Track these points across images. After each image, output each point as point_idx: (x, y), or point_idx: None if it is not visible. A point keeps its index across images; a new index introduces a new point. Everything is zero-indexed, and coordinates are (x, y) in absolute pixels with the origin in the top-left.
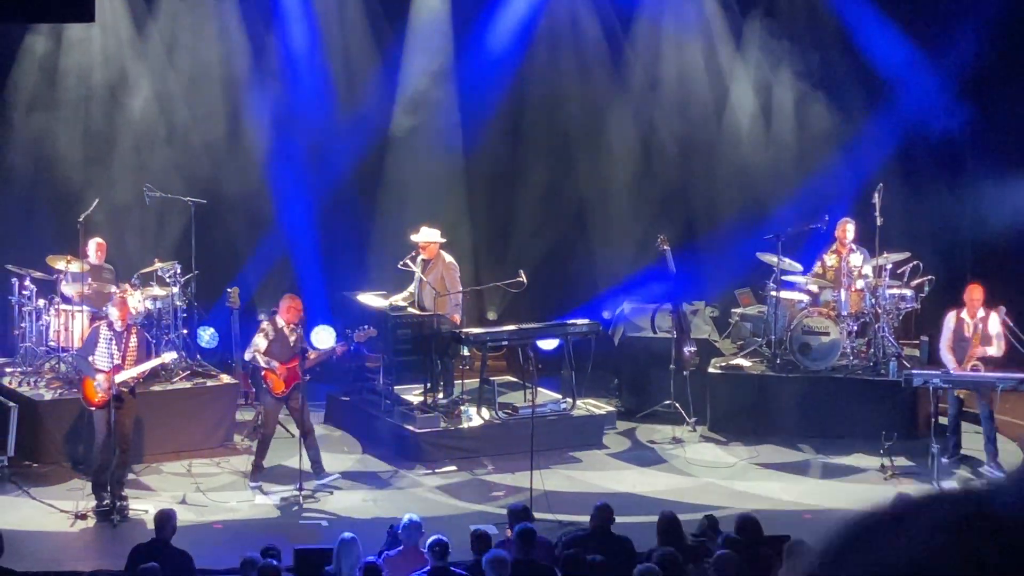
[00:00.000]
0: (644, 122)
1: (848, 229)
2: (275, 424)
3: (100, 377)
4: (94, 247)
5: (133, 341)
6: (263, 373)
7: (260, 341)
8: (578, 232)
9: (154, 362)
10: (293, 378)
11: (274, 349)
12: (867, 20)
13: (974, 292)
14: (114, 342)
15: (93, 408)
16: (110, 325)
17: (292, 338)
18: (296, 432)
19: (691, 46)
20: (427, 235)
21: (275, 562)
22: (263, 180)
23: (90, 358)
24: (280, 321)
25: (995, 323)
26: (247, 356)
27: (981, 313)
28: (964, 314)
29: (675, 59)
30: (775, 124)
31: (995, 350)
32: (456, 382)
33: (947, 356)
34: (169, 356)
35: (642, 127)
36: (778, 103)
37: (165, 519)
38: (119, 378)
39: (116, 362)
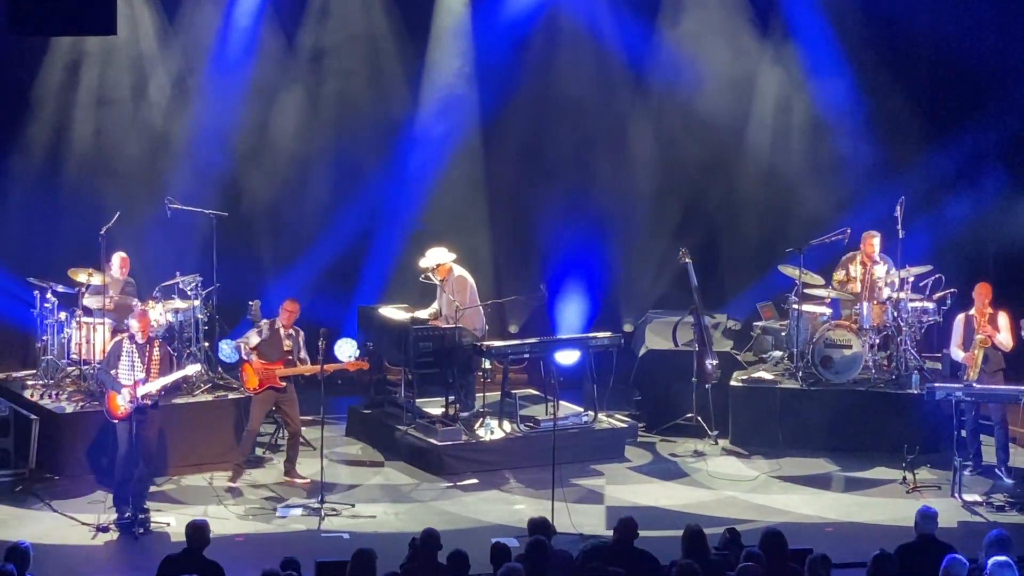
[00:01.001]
0: (665, 132)
1: (874, 243)
2: (258, 422)
3: (124, 391)
4: (118, 261)
5: (156, 354)
6: (241, 366)
7: (252, 336)
8: (600, 244)
9: (177, 374)
10: (269, 380)
11: (262, 348)
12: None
13: (983, 290)
14: (136, 355)
15: (116, 421)
16: (132, 338)
17: (285, 342)
18: (314, 444)
19: (714, 53)
20: (433, 258)
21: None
22: (286, 193)
23: (113, 372)
24: (277, 323)
25: (1004, 320)
26: (235, 343)
27: (990, 311)
28: (973, 311)
29: (698, 67)
30: (795, 135)
31: (1004, 338)
32: (478, 395)
33: (956, 352)
34: (192, 368)
35: (663, 137)
36: (798, 114)
37: (199, 530)
38: (142, 391)
39: (139, 375)
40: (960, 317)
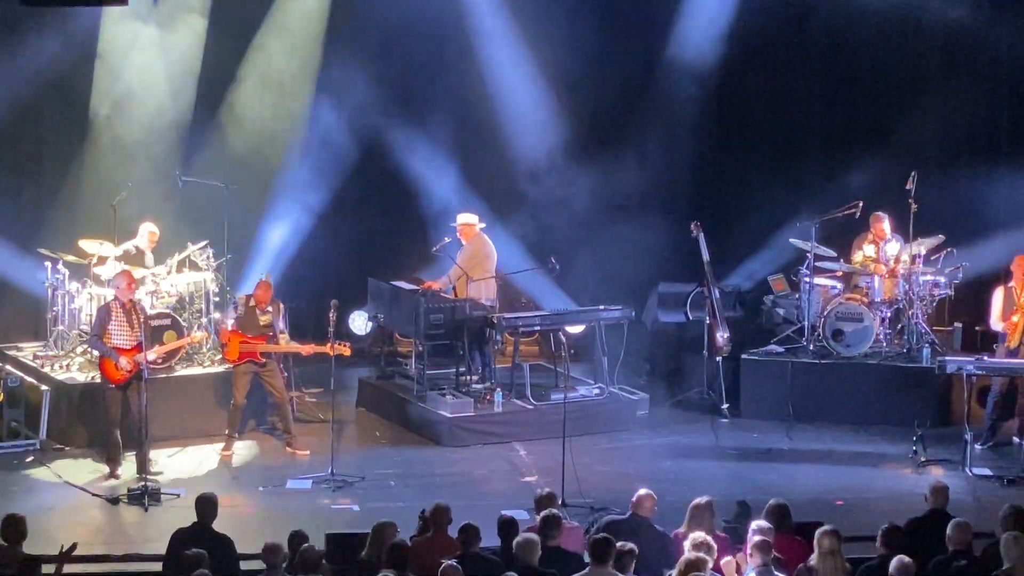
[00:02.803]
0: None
1: (882, 225)
2: (242, 395)
3: (123, 359)
4: (146, 232)
5: (141, 316)
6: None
7: (229, 314)
8: (612, 217)
9: (185, 340)
10: (249, 354)
11: (239, 323)
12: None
13: (1022, 262)
14: (124, 318)
15: (112, 386)
16: (119, 302)
17: (262, 318)
18: (325, 416)
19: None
20: (464, 218)
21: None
22: (298, 166)
23: (104, 338)
24: (251, 301)
25: None
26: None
27: None
28: (1012, 283)
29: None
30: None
31: None
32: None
33: (996, 323)
34: (199, 335)
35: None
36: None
37: (208, 503)
38: (140, 357)
39: (138, 338)
40: (999, 289)
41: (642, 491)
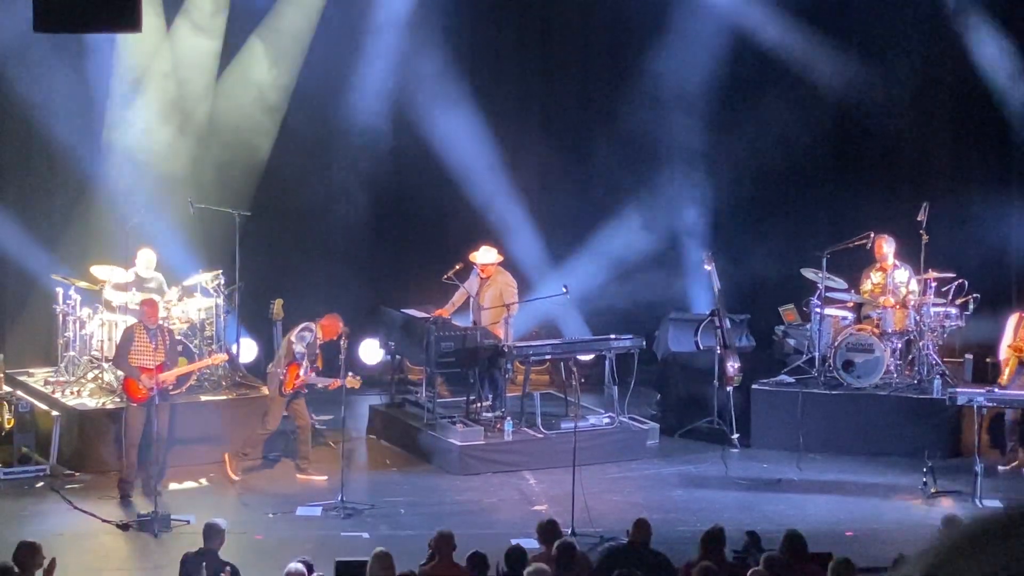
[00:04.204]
0: (693, 135)
1: (885, 249)
2: (277, 422)
3: (144, 377)
4: (144, 258)
5: (168, 340)
6: (288, 367)
7: (299, 344)
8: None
9: (204, 362)
10: (302, 384)
11: (309, 355)
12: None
13: None
14: (148, 342)
15: (135, 404)
16: (144, 327)
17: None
18: (335, 443)
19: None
20: (486, 256)
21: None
22: (310, 192)
23: (127, 357)
24: (319, 332)
25: None
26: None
27: None
28: None
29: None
30: (817, 138)
31: None
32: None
33: (1003, 352)
34: (220, 358)
35: (689, 140)
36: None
37: (214, 530)
38: (165, 375)
39: (159, 360)
40: (1013, 316)
41: (640, 518)
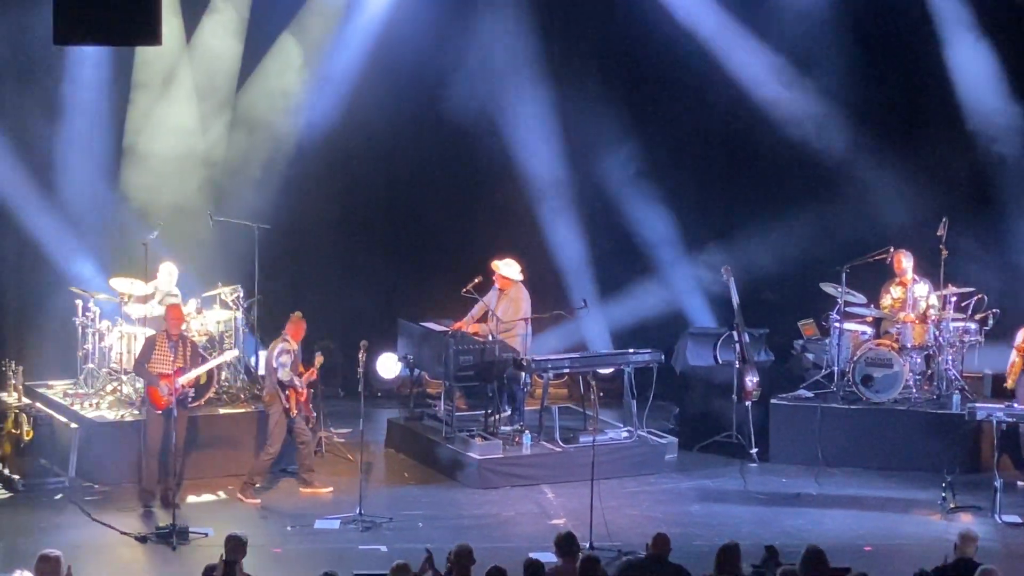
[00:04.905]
0: (713, 145)
1: (904, 263)
2: (281, 443)
3: (163, 383)
4: (166, 271)
5: (189, 349)
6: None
7: (286, 362)
8: (643, 259)
9: (216, 360)
10: (303, 403)
11: (295, 374)
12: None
13: None
14: (169, 351)
15: (158, 412)
16: (167, 335)
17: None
18: (353, 456)
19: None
20: (508, 270)
21: None
22: (327, 207)
23: (147, 365)
24: (292, 343)
25: None
26: (284, 377)
27: None
28: None
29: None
30: (835, 151)
31: None
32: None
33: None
34: (231, 354)
35: (708, 150)
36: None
37: (238, 543)
38: (182, 379)
39: (179, 365)
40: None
41: (659, 532)
